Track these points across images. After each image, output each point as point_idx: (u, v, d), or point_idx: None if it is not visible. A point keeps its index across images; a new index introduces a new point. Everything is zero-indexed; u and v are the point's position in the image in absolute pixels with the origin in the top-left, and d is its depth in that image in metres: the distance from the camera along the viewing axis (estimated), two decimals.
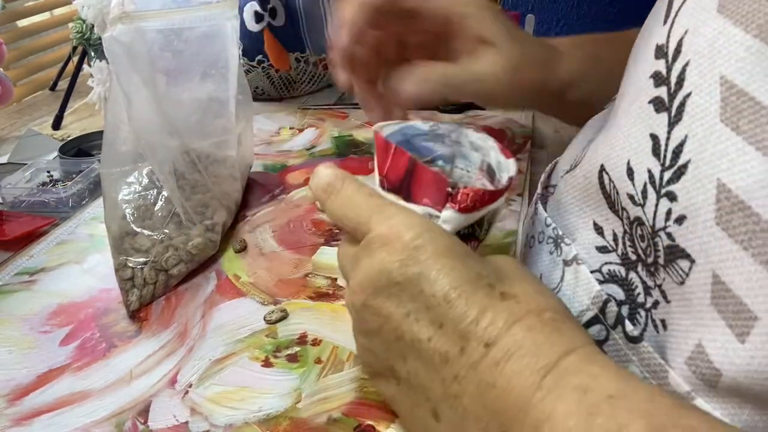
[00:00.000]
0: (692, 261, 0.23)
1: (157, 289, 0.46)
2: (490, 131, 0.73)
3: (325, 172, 0.33)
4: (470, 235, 0.33)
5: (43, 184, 0.64)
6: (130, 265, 0.45)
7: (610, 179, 0.28)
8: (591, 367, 0.23)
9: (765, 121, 0.21)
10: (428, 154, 0.38)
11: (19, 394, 0.38)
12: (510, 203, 0.56)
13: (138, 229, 0.47)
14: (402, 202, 0.32)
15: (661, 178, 0.25)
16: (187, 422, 0.35)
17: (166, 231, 0.47)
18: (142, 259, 0.45)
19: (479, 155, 0.36)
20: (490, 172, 0.35)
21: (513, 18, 0.95)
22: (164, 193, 0.48)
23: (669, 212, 0.24)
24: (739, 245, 0.21)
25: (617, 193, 0.28)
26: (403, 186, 0.32)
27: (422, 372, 0.27)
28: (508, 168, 0.33)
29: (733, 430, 0.22)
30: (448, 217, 0.30)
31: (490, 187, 0.35)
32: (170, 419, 0.35)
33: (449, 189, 0.30)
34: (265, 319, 0.42)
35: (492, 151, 0.35)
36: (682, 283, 0.24)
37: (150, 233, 0.47)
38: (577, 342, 0.25)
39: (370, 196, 0.31)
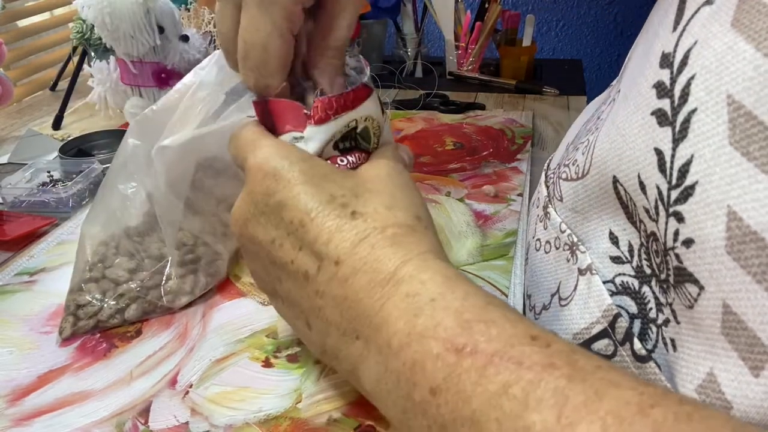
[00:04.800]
0: (701, 287, 0.23)
1: (100, 325, 0.43)
2: (490, 131, 0.73)
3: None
4: (354, 148, 0.34)
5: (44, 184, 0.64)
6: (88, 296, 0.43)
7: (625, 191, 0.28)
8: (422, 274, 0.26)
9: None
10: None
11: (19, 394, 0.38)
12: (510, 203, 0.56)
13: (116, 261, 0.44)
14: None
15: (669, 197, 0.24)
16: (187, 422, 0.35)
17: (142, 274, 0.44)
18: (99, 295, 0.43)
19: (364, 75, 0.36)
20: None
21: (513, 18, 0.96)
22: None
23: (677, 233, 0.24)
24: (752, 277, 0.20)
25: (635, 205, 0.27)
26: (268, 125, 0.34)
27: (293, 290, 0.31)
28: (366, 73, 0.34)
29: (539, 325, 0.24)
30: (310, 133, 0.32)
31: None
32: (171, 420, 0.35)
33: (305, 111, 0.32)
34: None
35: (367, 68, 0.36)
36: (690, 307, 0.23)
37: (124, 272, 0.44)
38: (413, 252, 0.27)
39: (252, 133, 0.33)
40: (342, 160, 0.33)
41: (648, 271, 0.27)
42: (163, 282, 0.44)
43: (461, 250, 0.50)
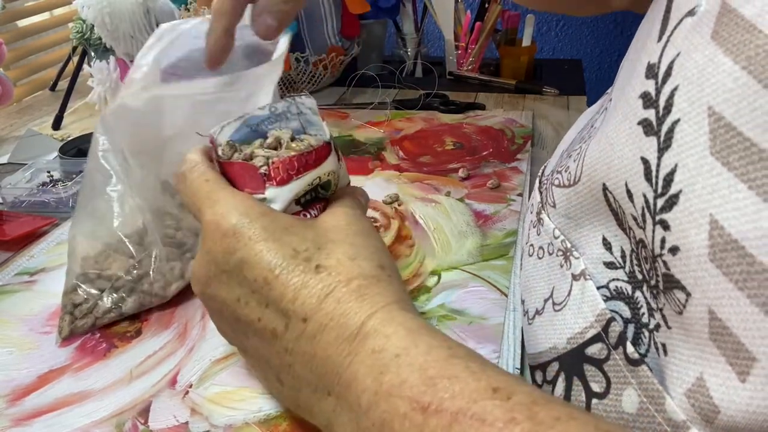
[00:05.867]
0: (688, 294, 0.23)
1: (98, 322, 0.43)
2: (490, 131, 0.73)
3: (187, 157, 0.34)
4: (315, 199, 0.34)
5: (43, 184, 0.64)
6: (83, 294, 0.43)
7: (614, 198, 0.28)
8: (386, 328, 0.27)
9: (756, 159, 0.20)
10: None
11: (19, 394, 0.38)
12: (510, 203, 0.56)
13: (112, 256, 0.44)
14: None
15: (655, 205, 0.25)
16: (187, 422, 0.35)
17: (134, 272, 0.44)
18: (95, 291, 0.43)
19: (319, 117, 0.36)
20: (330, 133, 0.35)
21: (513, 18, 0.96)
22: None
23: (663, 240, 0.24)
24: (734, 285, 0.21)
25: (623, 212, 0.28)
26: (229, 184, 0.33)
27: (261, 347, 0.30)
28: (323, 131, 0.34)
29: (501, 373, 0.24)
30: (273, 195, 0.32)
31: None
32: (170, 419, 0.35)
33: (261, 171, 0.32)
34: None
35: (324, 123, 0.35)
36: (680, 313, 0.24)
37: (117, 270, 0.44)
38: (378, 305, 0.28)
39: (206, 181, 0.33)
40: (305, 215, 0.33)
41: (639, 276, 0.28)
42: (152, 267, 0.44)
43: (461, 250, 0.50)
